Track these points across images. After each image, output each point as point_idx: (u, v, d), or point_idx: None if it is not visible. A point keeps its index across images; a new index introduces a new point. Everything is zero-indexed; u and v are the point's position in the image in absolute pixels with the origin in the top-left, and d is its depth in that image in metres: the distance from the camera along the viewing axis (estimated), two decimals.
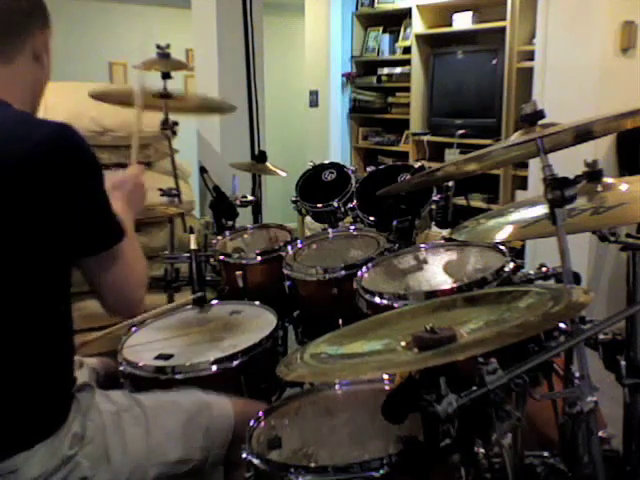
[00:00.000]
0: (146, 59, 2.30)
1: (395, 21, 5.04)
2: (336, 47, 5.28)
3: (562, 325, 1.17)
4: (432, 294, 1.45)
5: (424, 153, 4.66)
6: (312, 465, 1.12)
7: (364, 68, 5.38)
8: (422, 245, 1.80)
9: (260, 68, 3.66)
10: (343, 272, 1.83)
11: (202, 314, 1.93)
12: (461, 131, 4.32)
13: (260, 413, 1.30)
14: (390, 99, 5.16)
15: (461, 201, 2.34)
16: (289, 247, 2.08)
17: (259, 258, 2.09)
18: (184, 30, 4.03)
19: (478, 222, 1.46)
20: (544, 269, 1.38)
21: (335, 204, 2.40)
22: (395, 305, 1.47)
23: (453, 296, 1.34)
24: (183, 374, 1.54)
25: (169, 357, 1.62)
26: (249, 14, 3.48)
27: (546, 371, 1.26)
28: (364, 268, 1.73)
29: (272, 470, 1.12)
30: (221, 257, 2.15)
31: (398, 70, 5.02)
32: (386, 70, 5.13)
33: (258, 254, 2.10)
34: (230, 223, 2.43)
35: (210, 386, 1.49)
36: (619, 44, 3.27)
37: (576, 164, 1.31)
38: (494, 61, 4.19)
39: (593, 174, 1.31)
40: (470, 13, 4.36)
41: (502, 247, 1.59)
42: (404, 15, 4.89)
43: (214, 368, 1.56)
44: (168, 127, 2.42)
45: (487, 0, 4.25)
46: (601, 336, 1.25)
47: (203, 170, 2.46)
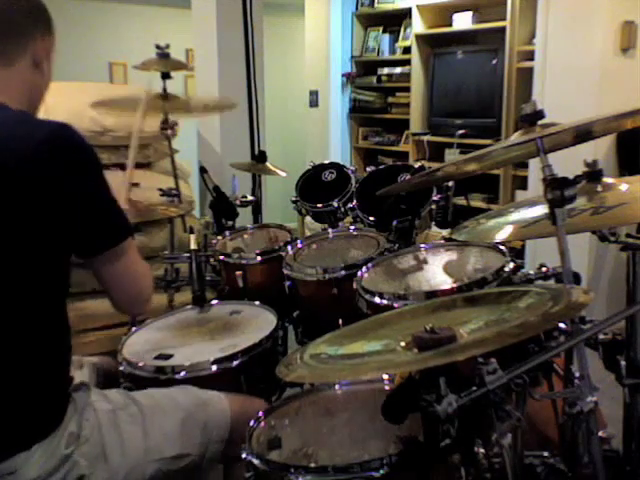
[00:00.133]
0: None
1: (395, 21, 5.04)
2: (336, 47, 5.28)
3: (562, 325, 1.17)
4: (432, 294, 1.45)
5: (424, 153, 4.66)
6: (312, 465, 1.12)
7: (364, 68, 5.38)
8: (422, 245, 1.80)
9: (260, 68, 3.66)
10: (343, 272, 1.83)
11: (202, 314, 1.93)
12: (461, 131, 4.32)
13: (260, 413, 1.30)
14: (390, 99, 5.15)
15: (461, 201, 2.34)
16: (289, 247, 2.08)
17: (259, 258, 2.09)
18: (184, 30, 4.03)
19: (478, 222, 1.46)
20: (544, 269, 1.38)
21: (335, 204, 2.39)
22: (395, 305, 1.47)
23: (453, 296, 1.33)
24: (183, 374, 1.54)
25: (169, 357, 1.62)
26: (249, 14, 3.48)
27: (546, 371, 1.26)
28: (364, 268, 1.73)
29: (272, 470, 1.12)
30: (221, 257, 2.15)
31: (398, 70, 5.02)
32: (386, 70, 5.13)
33: (258, 254, 2.10)
34: (230, 223, 2.43)
35: (210, 386, 1.49)
36: (619, 44, 3.27)
37: (576, 164, 1.31)
38: (494, 61, 4.18)
39: (593, 174, 1.31)
40: (470, 13, 4.36)
41: (502, 247, 1.58)
42: (404, 15, 4.89)
43: (214, 368, 1.56)
44: (168, 127, 2.42)
45: (487, 0, 4.25)
46: (601, 336, 1.25)
47: (203, 170, 2.46)
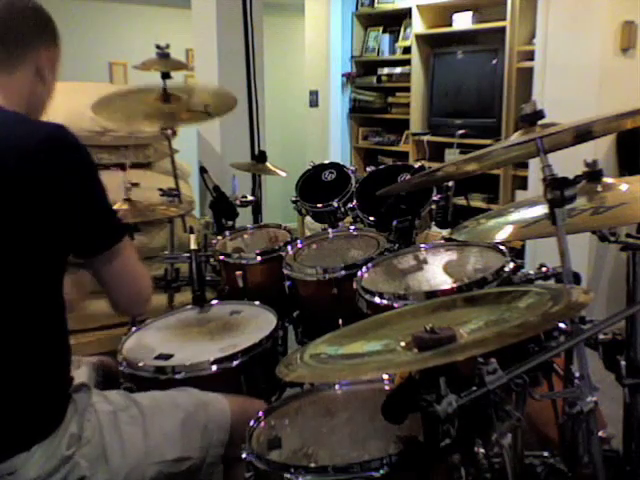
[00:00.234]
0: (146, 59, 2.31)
1: (395, 21, 5.04)
2: (336, 47, 5.28)
3: (562, 325, 1.17)
4: (432, 294, 1.45)
5: (424, 153, 4.66)
6: (312, 465, 1.12)
7: (364, 68, 5.38)
8: (422, 245, 1.80)
9: (260, 68, 3.66)
10: (343, 272, 1.83)
11: (202, 314, 1.93)
12: (461, 131, 4.32)
13: (260, 413, 1.30)
14: (390, 99, 5.16)
15: (461, 201, 2.34)
16: (289, 247, 2.08)
17: (259, 258, 2.09)
18: (184, 30, 4.03)
19: (478, 222, 1.46)
20: (544, 269, 1.38)
21: (335, 204, 2.39)
22: (395, 305, 1.47)
23: (453, 296, 1.33)
24: (183, 374, 1.54)
25: (169, 357, 1.62)
26: (249, 14, 3.48)
27: (546, 371, 1.25)
28: (364, 268, 1.73)
29: (272, 470, 1.12)
30: (221, 257, 2.14)
31: (398, 70, 5.02)
32: (386, 70, 5.13)
33: (258, 254, 2.10)
34: (230, 223, 2.42)
35: (210, 386, 1.49)
36: (619, 44, 3.27)
37: (576, 164, 1.31)
38: (494, 61, 4.19)
39: (593, 174, 1.31)
40: (470, 13, 4.36)
41: (502, 247, 1.58)
42: (404, 15, 4.89)
43: (214, 368, 1.56)
44: (168, 127, 2.42)
45: (487, 0, 4.25)
46: (601, 336, 1.25)
47: (203, 170, 2.46)
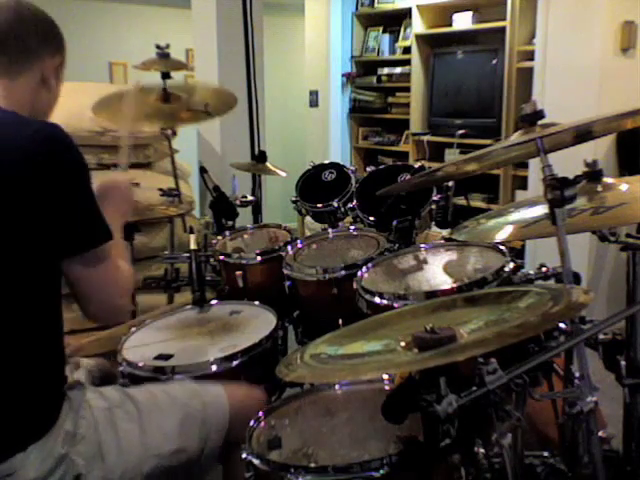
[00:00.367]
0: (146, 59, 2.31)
1: (395, 21, 5.04)
2: (336, 47, 5.28)
3: (562, 325, 1.17)
4: (432, 294, 1.45)
5: (424, 153, 4.66)
6: (312, 465, 1.12)
7: (364, 68, 5.38)
8: (422, 245, 1.80)
9: (260, 68, 3.66)
10: (343, 272, 1.83)
11: (202, 314, 1.92)
12: (461, 131, 4.31)
13: (260, 413, 1.30)
14: (390, 99, 5.15)
15: (461, 201, 2.34)
16: (289, 247, 2.08)
17: (259, 258, 2.09)
18: (184, 30, 4.03)
19: (478, 222, 1.46)
20: (544, 269, 1.38)
21: (335, 204, 2.39)
22: (395, 305, 1.47)
23: (453, 296, 1.33)
24: (183, 374, 1.54)
25: (169, 357, 1.62)
26: (249, 14, 3.48)
27: (546, 371, 1.25)
28: (364, 268, 1.73)
29: (272, 470, 1.12)
30: (221, 257, 2.14)
31: (398, 70, 5.02)
32: (386, 70, 5.13)
33: (258, 254, 2.10)
34: (230, 223, 2.42)
35: None
36: (619, 44, 3.27)
37: (576, 164, 1.31)
38: (494, 61, 4.18)
39: (593, 174, 1.31)
40: (470, 13, 4.36)
41: (502, 247, 1.58)
42: (404, 15, 4.89)
43: (214, 368, 1.55)
44: (168, 127, 2.43)
45: (487, 0, 4.25)
46: (601, 336, 1.25)
47: (203, 170, 2.46)
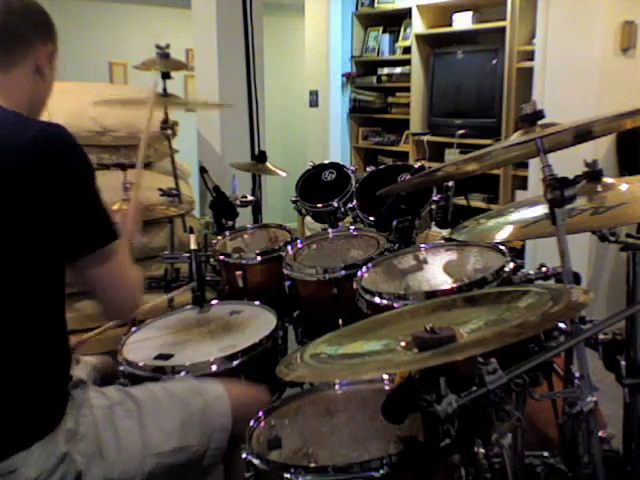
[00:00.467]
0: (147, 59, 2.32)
1: (395, 21, 5.04)
2: (336, 47, 5.28)
3: (562, 325, 1.17)
4: (432, 294, 1.45)
5: (424, 153, 4.66)
6: (312, 465, 1.12)
7: (364, 68, 5.38)
8: (422, 245, 1.80)
9: (260, 68, 3.66)
10: (343, 272, 1.83)
11: (202, 314, 1.93)
12: (461, 131, 4.31)
13: (260, 413, 1.30)
14: (390, 99, 5.15)
15: (461, 201, 2.34)
16: (289, 247, 2.08)
17: (259, 258, 2.09)
18: (184, 30, 4.03)
19: (478, 222, 1.46)
20: (544, 269, 1.38)
21: (335, 204, 2.39)
22: (395, 305, 1.47)
23: (453, 296, 1.33)
24: (183, 374, 1.54)
25: (169, 357, 1.62)
26: (249, 14, 3.48)
27: (546, 371, 1.26)
28: (364, 268, 1.73)
29: (272, 470, 1.12)
30: (221, 257, 2.15)
31: (398, 70, 5.02)
32: (386, 70, 5.13)
33: (258, 254, 2.10)
34: (230, 223, 2.43)
35: None
36: (619, 44, 3.27)
37: (576, 164, 1.31)
38: (494, 61, 4.18)
39: (593, 174, 1.31)
40: (470, 13, 4.36)
41: (502, 247, 1.58)
42: (404, 15, 4.89)
43: (214, 368, 1.56)
44: (168, 127, 2.43)
45: (487, 0, 4.25)
46: (601, 336, 1.25)
47: (203, 170, 2.46)
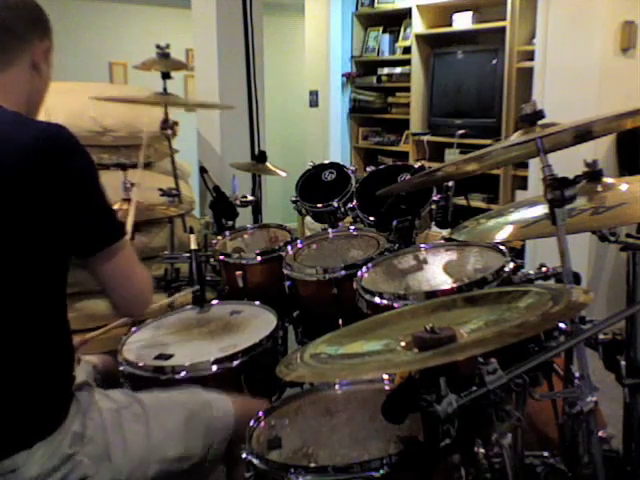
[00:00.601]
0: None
1: (395, 21, 5.04)
2: (336, 47, 5.28)
3: (562, 325, 1.17)
4: (432, 294, 1.45)
5: (424, 153, 4.66)
6: (312, 465, 1.13)
7: (364, 68, 5.38)
8: (422, 245, 1.80)
9: (260, 68, 3.66)
10: (343, 272, 1.83)
11: (202, 314, 1.93)
12: (461, 131, 4.31)
13: (260, 413, 1.30)
14: (390, 99, 5.15)
15: (461, 201, 2.34)
16: (289, 247, 2.08)
17: (259, 258, 2.09)
18: (184, 30, 4.03)
19: (478, 222, 1.46)
20: (544, 269, 1.38)
21: (335, 204, 2.39)
22: (395, 305, 1.47)
23: (453, 296, 1.33)
24: (183, 374, 1.54)
25: (169, 357, 1.62)
26: (249, 14, 3.48)
27: (546, 371, 1.26)
28: (364, 268, 1.73)
29: (272, 470, 1.12)
30: (221, 257, 2.15)
31: (398, 70, 5.02)
32: (386, 70, 5.13)
33: (258, 254, 2.10)
34: (230, 223, 2.43)
35: (210, 386, 1.49)
36: (619, 44, 3.27)
37: (576, 164, 1.31)
38: (494, 61, 4.18)
39: (593, 174, 1.31)
40: (470, 13, 4.36)
41: (502, 247, 1.58)
42: (404, 15, 4.89)
43: (214, 368, 1.56)
44: (168, 127, 2.43)
45: (487, 0, 4.25)
46: (601, 336, 1.25)
47: (203, 170, 2.46)
